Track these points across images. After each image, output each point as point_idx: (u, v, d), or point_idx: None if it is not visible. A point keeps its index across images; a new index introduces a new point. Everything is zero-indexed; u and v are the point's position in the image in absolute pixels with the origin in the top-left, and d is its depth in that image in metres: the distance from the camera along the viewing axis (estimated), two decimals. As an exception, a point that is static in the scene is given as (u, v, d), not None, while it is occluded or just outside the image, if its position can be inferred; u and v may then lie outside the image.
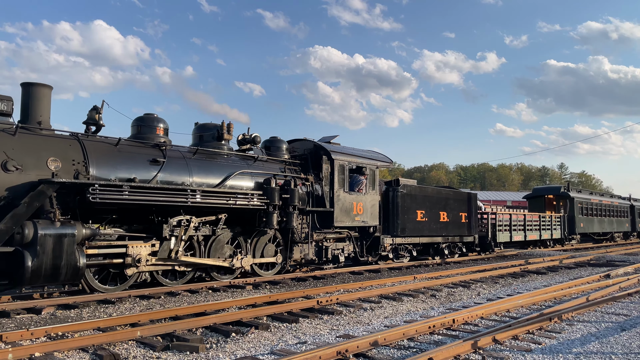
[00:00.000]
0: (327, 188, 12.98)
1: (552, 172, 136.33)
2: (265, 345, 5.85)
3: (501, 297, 9.49)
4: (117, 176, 9.25)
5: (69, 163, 8.70)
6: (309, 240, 12.45)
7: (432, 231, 16.00)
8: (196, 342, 5.71)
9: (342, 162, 13.28)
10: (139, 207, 9.30)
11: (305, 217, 12.41)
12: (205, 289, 9.92)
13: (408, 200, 15.06)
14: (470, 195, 18.35)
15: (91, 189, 8.30)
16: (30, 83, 8.92)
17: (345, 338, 6.07)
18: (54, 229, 7.76)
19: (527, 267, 14.73)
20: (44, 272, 7.64)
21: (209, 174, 10.74)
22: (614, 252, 22.17)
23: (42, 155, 8.44)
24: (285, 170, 12.50)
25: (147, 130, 10.47)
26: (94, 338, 5.67)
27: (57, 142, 8.84)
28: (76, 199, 8.59)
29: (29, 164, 8.23)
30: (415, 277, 12.07)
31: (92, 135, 9.53)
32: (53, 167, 8.46)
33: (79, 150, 8.94)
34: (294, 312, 7.63)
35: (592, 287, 10.58)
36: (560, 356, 5.43)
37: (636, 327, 6.93)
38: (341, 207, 13.04)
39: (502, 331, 6.11)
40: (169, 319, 7.02)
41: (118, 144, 9.64)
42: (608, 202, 31.86)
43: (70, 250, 7.86)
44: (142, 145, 10.10)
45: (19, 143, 8.26)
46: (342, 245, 13.42)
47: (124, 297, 8.75)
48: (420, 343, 5.93)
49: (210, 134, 11.60)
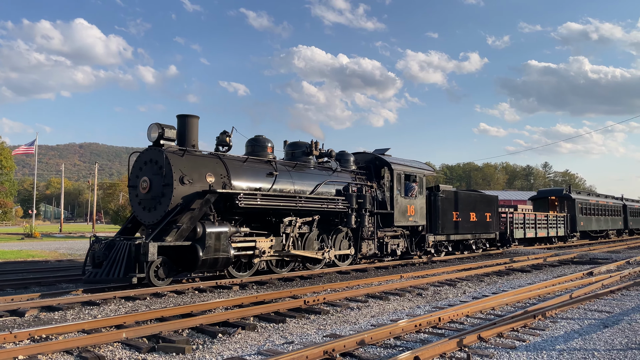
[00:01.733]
0: (388, 193, 15.29)
1: (536, 171, 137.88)
2: (252, 345, 5.85)
3: (486, 295, 9.58)
4: (248, 186, 11.62)
5: (218, 177, 11.02)
6: (374, 237, 14.65)
7: (464, 229, 18.48)
8: (182, 343, 5.69)
9: (399, 172, 15.67)
10: (262, 210, 11.47)
11: (372, 217, 14.46)
12: (191, 290, 9.87)
13: (446, 203, 17.39)
14: (493, 197, 21.04)
15: (239, 197, 10.58)
16: (184, 115, 11.18)
17: (332, 337, 6.09)
18: (215, 227, 10.11)
19: (512, 265, 14.89)
20: (209, 261, 9.93)
21: (304, 183, 13.11)
22: (597, 250, 22.49)
23: (202, 171, 10.75)
24: (356, 179, 14.84)
25: (260, 149, 12.79)
26: (79, 340, 5.61)
27: (209, 161, 11.17)
28: (227, 204, 10.78)
29: (195, 178, 10.52)
30: (401, 276, 12.13)
31: (221, 153, 11.74)
32: (209, 180, 10.70)
33: (222, 167, 11.29)
34: (281, 312, 7.63)
35: (575, 284, 10.72)
36: (544, 353, 5.50)
37: (618, 323, 7.04)
38: (399, 209, 15.41)
39: (487, 329, 6.17)
40: (155, 320, 6.98)
41: (246, 162, 12.03)
42: (604, 202, 34.27)
43: (225, 244, 10.19)
44: (261, 161, 12.44)
45: (187, 162, 10.57)
46: (398, 241, 15.71)
47: (108, 299, 8.68)
48: (407, 342, 5.96)
49: (300, 151, 14.08)
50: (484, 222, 19.70)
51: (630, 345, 5.89)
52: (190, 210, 9.98)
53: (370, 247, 14.57)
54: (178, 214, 10.06)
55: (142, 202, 10.74)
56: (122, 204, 45.29)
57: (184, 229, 9.82)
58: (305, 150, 14.06)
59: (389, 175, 15.43)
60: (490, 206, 20.32)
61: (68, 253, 20.54)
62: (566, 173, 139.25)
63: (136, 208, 10.88)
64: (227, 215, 10.97)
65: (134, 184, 10.94)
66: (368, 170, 15.63)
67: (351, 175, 14.76)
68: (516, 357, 5.34)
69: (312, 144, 14.10)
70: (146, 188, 10.53)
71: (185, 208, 10.04)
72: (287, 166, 13.02)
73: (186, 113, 11.23)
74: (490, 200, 20.62)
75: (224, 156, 11.60)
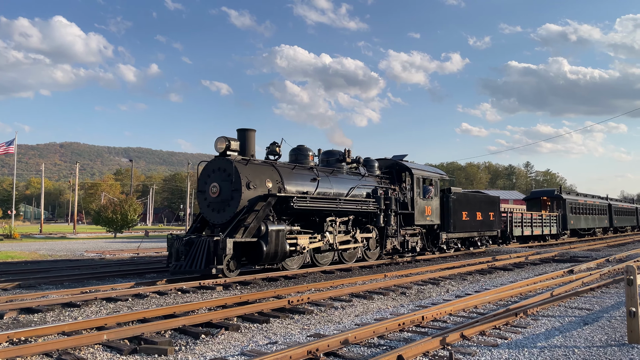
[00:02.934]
0: (409, 195, 17.02)
1: (518, 171, 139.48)
2: (236, 346, 5.81)
3: (469, 293, 9.66)
4: (297, 190, 13.09)
5: (274, 182, 12.59)
6: (397, 235, 16.10)
7: (472, 228, 20.13)
8: (165, 345, 5.63)
9: (419, 176, 17.39)
10: (310, 210, 13.05)
11: (395, 217, 15.83)
12: (174, 290, 9.79)
13: (457, 204, 18.87)
14: (495, 198, 22.74)
15: (293, 199, 12.16)
16: (244, 129, 12.90)
17: (315, 337, 6.08)
18: (275, 226, 11.60)
19: (495, 263, 15.03)
20: (271, 254, 11.41)
21: (341, 187, 14.62)
22: (577, 248, 22.82)
23: (262, 177, 12.33)
24: (381, 182, 16.47)
25: (302, 157, 14.42)
26: (59, 342, 5.52)
27: (265, 168, 12.73)
28: (282, 206, 12.29)
29: (257, 183, 12.09)
30: (385, 275, 12.18)
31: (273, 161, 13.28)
32: (268, 185, 12.31)
33: (277, 173, 12.84)
34: (264, 313, 7.59)
35: (556, 282, 10.86)
36: (525, 350, 5.56)
37: (598, 320, 7.15)
38: (418, 210, 17.02)
39: (469, 327, 6.21)
40: (137, 322, 6.91)
41: (294, 169, 13.64)
42: (591, 202, 36.46)
43: (282, 240, 11.67)
44: (305, 167, 13.92)
45: (250, 170, 12.13)
46: (416, 239, 17.24)
47: (90, 300, 8.56)
48: (390, 340, 5.98)
49: (334, 158, 15.73)
50: (488, 221, 21.37)
51: (610, 342, 5.98)
52: (254, 212, 11.58)
53: (393, 244, 16.05)
54: (245, 215, 11.61)
55: (211, 204, 12.22)
56: (103, 203, 44.72)
57: (251, 228, 11.33)
58: (339, 158, 15.75)
59: (409, 179, 17.29)
60: (493, 206, 21.99)
61: (48, 254, 20.23)
62: (547, 172, 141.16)
63: (205, 210, 12.39)
64: (281, 216, 12.50)
65: (203, 189, 12.44)
66: (390, 174, 17.34)
67: (377, 180, 16.44)
68: (498, 354, 5.39)
69: (345, 152, 15.85)
70: (216, 192, 12.00)
71: (251, 209, 11.66)
72: (325, 172, 14.66)
73: (245, 127, 13.01)
74: (493, 201, 22.38)
75: (276, 164, 13.24)
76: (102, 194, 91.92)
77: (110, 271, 13.04)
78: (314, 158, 14.74)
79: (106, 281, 11.53)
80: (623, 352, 5.53)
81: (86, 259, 18.34)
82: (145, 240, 32.49)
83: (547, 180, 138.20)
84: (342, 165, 15.70)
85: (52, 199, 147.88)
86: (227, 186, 11.86)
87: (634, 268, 5.82)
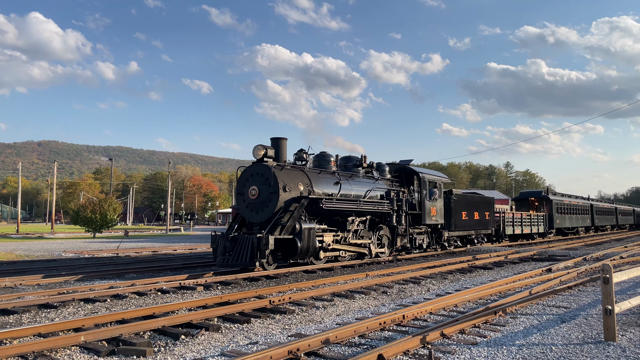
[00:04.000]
0: (417, 197, 18.37)
1: (498, 171, 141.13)
2: (216, 346, 5.77)
3: (450, 292, 9.74)
4: (323, 192, 14.42)
5: (305, 186, 13.90)
6: (407, 233, 17.38)
7: (470, 226, 21.72)
8: (143, 346, 5.56)
9: (426, 179, 18.68)
10: (336, 211, 14.30)
11: (405, 217, 17.15)
12: (154, 291, 9.69)
13: (457, 204, 20.36)
14: (490, 199, 24.41)
15: (322, 200, 13.44)
16: (277, 138, 14.21)
17: (297, 337, 6.06)
18: (307, 225, 13.04)
19: (475, 262, 15.19)
20: (304, 250, 12.83)
21: (359, 190, 15.96)
22: (555, 247, 23.18)
23: (295, 181, 13.61)
24: (392, 185, 17.83)
25: (325, 162, 15.95)
26: (35, 344, 5.42)
27: (297, 173, 14.00)
28: (312, 207, 13.54)
29: (292, 187, 13.37)
30: (367, 274, 12.21)
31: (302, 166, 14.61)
32: (300, 188, 13.66)
33: (306, 178, 14.17)
34: (245, 313, 7.55)
35: (534, 281, 11.01)
36: (504, 348, 5.62)
37: (575, 318, 7.27)
38: (425, 210, 18.32)
39: (449, 326, 6.26)
40: (115, 323, 6.81)
41: (320, 173, 14.99)
42: (575, 202, 38.46)
43: (313, 238, 13.08)
44: (328, 172, 15.46)
45: (285, 175, 13.41)
46: (423, 237, 18.54)
47: (67, 301, 8.42)
48: (371, 340, 5.99)
49: (352, 163, 17.13)
50: (484, 220, 23.07)
51: (587, 339, 6.07)
52: (289, 212, 12.90)
53: (403, 241, 17.35)
54: (281, 215, 12.83)
55: (249, 205, 13.37)
56: (82, 203, 44.00)
57: (288, 226, 12.63)
58: (356, 163, 17.16)
59: (418, 182, 18.63)
60: (489, 206, 23.69)
61: (25, 255, 19.85)
62: (527, 173, 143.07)
63: (243, 210, 13.59)
64: (310, 215, 13.73)
65: (242, 192, 13.62)
66: (400, 178, 18.68)
67: (388, 183, 17.79)
68: (477, 352, 5.44)
69: (362, 157, 17.33)
70: (255, 195, 13.17)
71: (286, 210, 12.92)
72: (345, 176, 15.98)
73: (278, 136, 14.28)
74: (489, 202, 24.07)
75: (305, 169, 14.59)
76: (81, 193, 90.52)
77: (91, 271, 12.85)
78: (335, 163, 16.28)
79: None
80: (599, 349, 5.62)
81: (64, 258, 18.04)
82: (125, 240, 32.10)
83: (527, 180, 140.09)
84: (359, 169, 17.05)
85: (29, 198, 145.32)
86: (265, 189, 13.10)
87: (610, 267, 5.93)
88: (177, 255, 20.14)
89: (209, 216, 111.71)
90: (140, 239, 35.14)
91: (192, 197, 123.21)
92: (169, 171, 64.16)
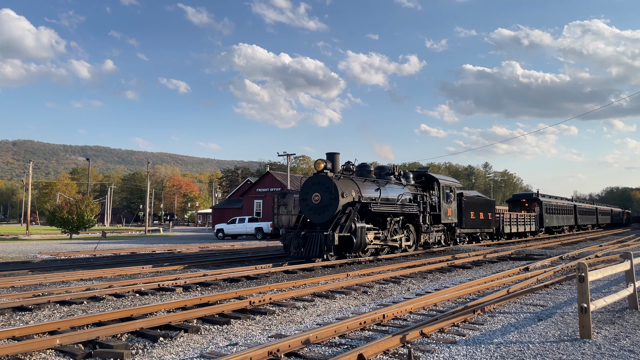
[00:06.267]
0: (436, 200, 21.26)
1: (477, 171, 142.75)
2: (195, 348, 5.71)
3: (429, 291, 9.81)
4: (368, 197, 16.96)
5: (356, 192, 16.58)
6: (429, 231, 20.27)
7: (477, 225, 25.31)
8: (121, 348, 5.48)
9: (443, 185, 21.83)
10: (380, 213, 17.08)
11: (428, 217, 20.12)
12: (132, 293, 9.55)
13: (467, 206, 23.86)
14: (492, 201, 28.50)
15: (371, 204, 16.36)
16: (333, 153, 17.04)
17: (277, 338, 6.04)
18: (360, 224, 15.64)
19: (454, 262, 15.33)
20: (358, 245, 15.51)
21: (393, 194, 18.56)
22: (532, 247, 23.54)
23: (349, 189, 16.31)
24: (417, 190, 20.55)
25: (366, 172, 18.70)
26: (8, 348, 5.29)
27: (349, 182, 16.72)
28: (363, 210, 16.17)
29: (347, 193, 16.10)
30: (348, 274, 12.23)
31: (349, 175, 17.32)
32: (353, 194, 16.36)
33: (356, 185, 16.82)
34: (225, 314, 7.49)
35: (512, 279, 11.16)
36: (482, 347, 5.68)
37: (552, 316, 7.38)
38: (443, 211, 21.37)
39: (429, 325, 6.30)
40: (92, 325, 6.69)
41: (365, 181, 17.57)
42: (562, 203, 42.03)
43: (364, 235, 15.70)
44: (369, 180, 17.97)
45: (342, 183, 16.18)
46: (440, 234, 21.54)
47: (42, 303, 8.26)
48: (352, 339, 6.00)
49: (385, 172, 19.86)
50: (487, 219, 26.54)
51: (563, 337, 6.17)
52: (346, 214, 15.66)
53: (425, 238, 20.03)
54: (340, 216, 15.56)
55: (312, 209, 16.19)
56: (58, 204, 43.19)
57: (346, 226, 15.31)
58: (388, 172, 20.00)
59: (437, 187, 21.53)
60: (491, 208, 27.40)
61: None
62: (505, 173, 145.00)
63: (307, 213, 16.44)
64: (360, 217, 16.05)
65: (305, 197, 16.37)
66: (422, 183, 21.64)
67: (413, 188, 20.50)
68: (456, 351, 5.48)
69: (393, 167, 20.42)
70: (318, 200, 16.02)
71: (344, 212, 15.72)
72: (382, 183, 18.45)
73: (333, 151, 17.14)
74: (491, 203, 27.96)
75: (353, 178, 17.22)
76: (58, 193, 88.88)
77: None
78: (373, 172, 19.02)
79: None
80: (575, 346, 5.72)
81: (39, 261, 17.69)
82: (103, 242, 31.62)
83: (505, 180, 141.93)
84: (391, 177, 19.82)
85: (3, 199, 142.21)
86: (327, 195, 15.88)
87: (586, 265, 6.03)
88: (157, 255, 19.91)
89: (189, 217, 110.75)
90: (118, 240, 34.67)
91: (171, 198, 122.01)
92: (148, 171, 63.41)
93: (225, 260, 16.58)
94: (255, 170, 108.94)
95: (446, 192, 21.76)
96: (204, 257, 18.21)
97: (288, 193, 33.61)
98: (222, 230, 37.31)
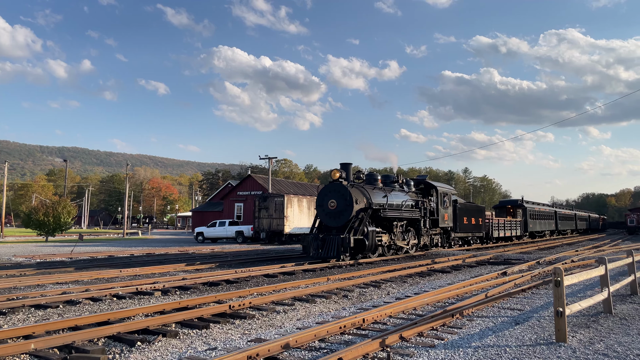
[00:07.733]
0: (434, 206, 22.89)
1: (457, 176, 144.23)
2: (173, 353, 5.65)
3: (409, 295, 9.86)
4: (377, 203, 18.44)
5: (367, 199, 18.10)
6: (428, 234, 22.17)
7: (469, 230, 27.13)
8: (97, 353, 5.40)
9: (441, 192, 23.55)
10: (388, 217, 18.65)
11: (428, 221, 22.05)
12: (109, 296, 9.42)
13: (460, 211, 25.80)
14: (482, 207, 30.41)
15: (381, 210, 18.26)
16: (346, 163, 18.74)
17: (256, 342, 6.01)
18: (372, 228, 17.44)
19: (434, 266, 15.44)
20: (369, 247, 17.15)
21: (397, 200, 20.09)
22: (510, 251, 23.85)
23: (361, 196, 17.92)
24: (418, 197, 22.21)
25: (373, 180, 20.20)
26: (-20, 354, 5.17)
27: (360, 189, 18.16)
28: (373, 215, 18.02)
29: (359, 200, 17.72)
30: (328, 278, 12.24)
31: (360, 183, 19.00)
32: (364, 201, 17.91)
33: (367, 192, 18.32)
34: (204, 318, 7.44)
35: (490, 284, 11.28)
36: (460, 350, 5.73)
37: (528, 320, 7.49)
38: (440, 216, 23.17)
39: (408, 329, 6.34)
40: (68, 330, 6.58)
41: (374, 189, 18.98)
42: (544, 209, 44.18)
43: (375, 237, 17.41)
44: (376, 187, 19.44)
45: (355, 191, 17.82)
46: (438, 237, 23.42)
47: (17, 307, 8.09)
48: (332, 343, 6.00)
49: (390, 180, 21.60)
50: (478, 224, 28.40)
51: (539, 340, 6.27)
52: (359, 219, 17.36)
53: (425, 241, 21.74)
54: (354, 221, 17.23)
55: (328, 214, 17.79)
56: (34, 205, 42.35)
57: (360, 230, 17.01)
58: (392, 180, 21.76)
59: (435, 194, 23.20)
60: (481, 213, 29.25)
61: (-28, 259, 18.94)
62: (484, 178, 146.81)
63: (323, 217, 18.00)
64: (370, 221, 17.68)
65: (322, 204, 17.98)
66: (421, 190, 23.28)
67: (414, 195, 22.11)
68: (435, 355, 5.53)
69: (397, 175, 22.31)
70: (334, 206, 17.68)
71: (357, 217, 17.39)
72: (388, 190, 19.92)
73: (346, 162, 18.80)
74: (482, 209, 29.96)
75: (363, 186, 18.75)
76: (34, 195, 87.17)
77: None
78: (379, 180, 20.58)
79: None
80: (551, 350, 5.81)
81: (13, 263, 17.32)
82: (80, 244, 31.10)
83: (484, 185, 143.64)
84: (395, 185, 21.48)
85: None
86: (342, 202, 17.50)
87: (562, 270, 6.14)
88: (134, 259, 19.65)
89: (168, 220, 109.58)
90: (95, 243, 34.15)
91: (150, 200, 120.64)
92: (127, 173, 62.63)
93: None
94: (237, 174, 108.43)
95: (443, 198, 23.50)
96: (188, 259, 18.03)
97: (269, 196, 33.53)
98: (202, 234, 37.03)
